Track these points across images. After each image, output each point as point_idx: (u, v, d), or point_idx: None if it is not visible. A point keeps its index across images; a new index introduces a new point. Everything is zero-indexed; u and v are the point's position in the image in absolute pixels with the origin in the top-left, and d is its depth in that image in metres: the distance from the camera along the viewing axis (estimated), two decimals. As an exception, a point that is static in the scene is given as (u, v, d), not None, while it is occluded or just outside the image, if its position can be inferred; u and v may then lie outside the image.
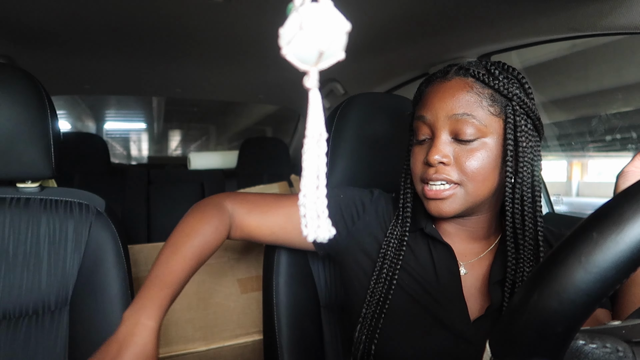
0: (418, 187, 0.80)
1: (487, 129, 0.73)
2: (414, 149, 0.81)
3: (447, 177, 0.74)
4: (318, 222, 0.31)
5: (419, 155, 0.79)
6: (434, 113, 0.76)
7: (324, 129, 0.31)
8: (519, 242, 0.75)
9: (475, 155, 0.73)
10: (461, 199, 0.75)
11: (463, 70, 0.77)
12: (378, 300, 0.79)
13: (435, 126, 0.75)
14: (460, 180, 0.74)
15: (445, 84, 0.77)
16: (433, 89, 0.78)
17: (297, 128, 3.10)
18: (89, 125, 5.31)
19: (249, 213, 0.88)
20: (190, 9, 1.22)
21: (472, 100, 0.74)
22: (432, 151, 0.74)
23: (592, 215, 0.32)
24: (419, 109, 0.80)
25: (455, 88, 0.75)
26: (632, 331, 0.35)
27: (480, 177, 0.74)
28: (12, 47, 1.58)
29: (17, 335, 0.88)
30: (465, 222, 0.81)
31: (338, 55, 0.29)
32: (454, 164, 0.74)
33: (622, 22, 0.84)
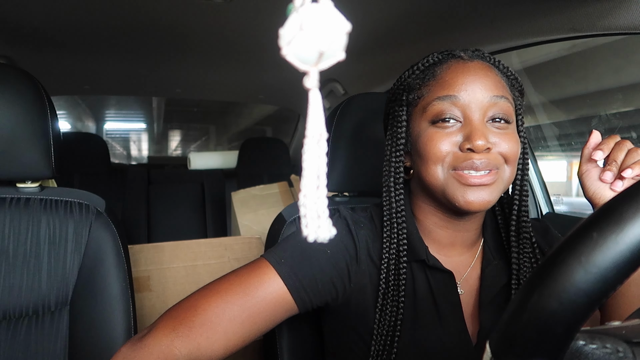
0: (440, 175, 0.70)
1: (514, 115, 0.72)
2: (431, 132, 0.70)
3: (490, 164, 0.68)
4: (319, 223, 0.31)
5: (443, 139, 0.69)
6: (470, 93, 0.69)
7: (324, 129, 0.31)
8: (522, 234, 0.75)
9: (512, 139, 0.70)
10: (499, 186, 0.70)
11: (477, 53, 0.74)
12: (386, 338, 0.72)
13: (471, 107, 0.68)
14: (499, 165, 0.69)
15: (469, 64, 0.71)
16: (456, 68, 0.71)
17: (297, 128, 3.10)
18: (89, 125, 5.32)
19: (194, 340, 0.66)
20: (190, 9, 1.22)
21: (502, 83, 0.71)
22: (476, 135, 0.66)
23: (592, 215, 0.32)
24: (440, 89, 0.71)
25: (484, 69, 0.71)
26: (632, 332, 0.35)
27: (516, 161, 0.71)
28: (12, 47, 1.58)
29: (17, 335, 0.88)
30: (466, 224, 0.76)
31: (338, 56, 0.29)
32: (493, 148, 0.69)
33: (621, 22, 0.84)
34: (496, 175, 0.69)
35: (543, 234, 0.82)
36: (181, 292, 1.55)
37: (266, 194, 2.25)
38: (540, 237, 0.81)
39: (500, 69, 0.74)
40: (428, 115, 0.71)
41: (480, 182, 0.68)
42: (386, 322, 0.72)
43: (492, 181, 0.68)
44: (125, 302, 0.93)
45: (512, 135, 0.70)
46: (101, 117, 5.25)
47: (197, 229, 2.61)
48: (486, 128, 0.69)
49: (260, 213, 2.14)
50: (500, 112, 0.69)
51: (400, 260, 0.73)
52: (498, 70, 0.73)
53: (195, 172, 2.86)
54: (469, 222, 0.76)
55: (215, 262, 1.67)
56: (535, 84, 1.87)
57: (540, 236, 0.81)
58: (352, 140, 1.02)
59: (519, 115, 0.75)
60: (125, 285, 0.94)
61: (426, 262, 0.74)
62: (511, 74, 0.75)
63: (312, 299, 0.72)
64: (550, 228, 0.83)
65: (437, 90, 0.71)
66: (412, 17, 1.21)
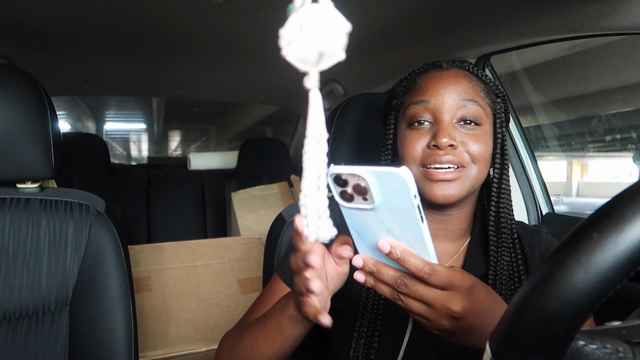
0: (414, 172, 0.77)
1: (486, 118, 0.78)
2: (407, 134, 0.79)
3: (454, 160, 0.74)
4: (319, 223, 0.31)
5: (415, 139, 0.77)
6: (440, 97, 0.76)
7: (325, 129, 0.31)
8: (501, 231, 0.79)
9: (479, 139, 0.76)
10: (465, 183, 0.75)
11: (457, 63, 0.81)
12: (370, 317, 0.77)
13: (441, 110, 0.76)
14: (466, 163, 0.75)
15: (444, 73, 0.79)
16: (432, 76, 0.80)
17: (297, 128, 3.10)
18: (89, 125, 5.31)
19: None
20: (190, 9, 1.22)
21: (474, 89, 0.78)
22: (441, 134, 0.73)
23: (592, 216, 0.32)
24: (416, 95, 0.79)
25: (457, 76, 0.78)
26: (632, 332, 0.35)
27: (483, 162, 0.76)
28: (12, 48, 1.58)
29: (17, 335, 0.88)
30: (447, 218, 0.81)
31: (338, 56, 0.29)
32: (460, 147, 0.75)
33: (621, 22, 0.84)
34: (461, 172, 0.75)
35: (530, 235, 0.85)
36: (181, 292, 1.55)
37: (266, 195, 2.25)
38: (526, 237, 0.84)
39: (479, 76, 0.81)
40: (406, 119, 0.80)
41: (444, 177, 0.74)
42: (370, 302, 0.78)
43: (456, 177, 0.74)
44: (125, 302, 0.93)
45: (480, 136, 0.76)
46: (101, 117, 5.25)
47: (197, 230, 2.61)
48: (454, 128, 0.76)
49: (260, 213, 2.14)
50: (469, 114, 0.76)
51: None
52: (476, 77, 0.80)
53: (195, 172, 2.86)
54: (450, 216, 0.81)
55: (215, 262, 1.67)
56: (535, 84, 1.87)
57: (527, 237, 0.85)
58: (352, 140, 1.02)
59: (498, 119, 0.81)
60: (125, 285, 0.94)
61: None
62: (489, 81, 0.82)
63: None
64: (540, 233, 0.85)
65: (413, 96, 0.80)
66: (412, 17, 1.21)
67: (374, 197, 0.51)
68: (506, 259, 0.78)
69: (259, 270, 1.68)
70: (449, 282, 0.55)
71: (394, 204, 0.51)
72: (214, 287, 1.60)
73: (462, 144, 0.75)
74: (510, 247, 0.79)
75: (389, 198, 0.51)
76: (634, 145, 2.02)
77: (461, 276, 0.57)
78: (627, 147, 2.20)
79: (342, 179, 0.51)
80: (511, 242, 0.80)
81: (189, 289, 1.57)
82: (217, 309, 1.55)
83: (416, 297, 0.56)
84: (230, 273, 1.66)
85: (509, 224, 0.80)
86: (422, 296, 0.56)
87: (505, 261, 0.78)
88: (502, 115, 0.82)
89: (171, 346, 1.41)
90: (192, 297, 1.55)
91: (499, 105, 0.82)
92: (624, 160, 2.92)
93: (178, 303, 1.52)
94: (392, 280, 0.56)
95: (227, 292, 1.60)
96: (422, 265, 0.54)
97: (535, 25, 1.02)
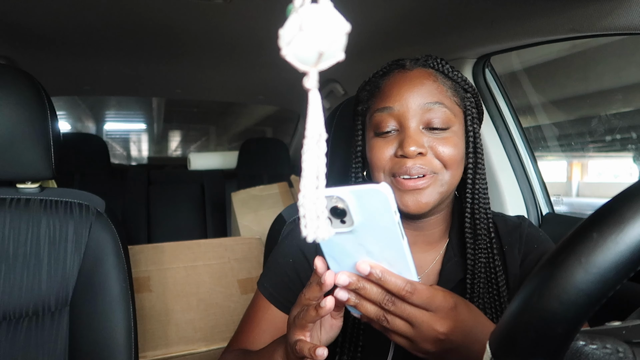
0: (387, 182, 0.74)
1: (455, 118, 0.74)
2: (374, 142, 0.76)
3: (424, 168, 0.71)
4: (317, 223, 0.31)
5: (383, 148, 0.74)
6: (403, 103, 0.72)
7: (324, 129, 0.31)
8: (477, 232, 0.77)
9: (449, 142, 0.73)
10: (438, 190, 0.73)
11: (421, 61, 0.77)
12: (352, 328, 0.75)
13: (406, 116, 0.72)
14: (437, 170, 0.72)
15: (408, 74, 0.75)
16: (394, 80, 0.76)
17: (297, 129, 3.10)
18: (89, 125, 5.31)
19: None
20: (190, 10, 1.22)
21: (439, 89, 0.74)
22: (408, 142, 0.70)
23: (592, 216, 0.32)
24: (380, 101, 0.76)
25: (421, 77, 0.74)
26: (632, 332, 0.35)
27: (455, 165, 0.73)
28: (12, 48, 1.58)
29: (17, 336, 0.88)
30: (424, 224, 0.79)
31: (338, 56, 0.29)
32: (429, 153, 0.72)
33: (621, 22, 0.84)
34: (432, 179, 0.72)
35: (510, 231, 0.82)
36: (181, 292, 1.55)
37: (266, 195, 2.25)
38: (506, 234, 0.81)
39: (445, 73, 0.76)
40: (372, 127, 0.77)
41: (415, 186, 0.71)
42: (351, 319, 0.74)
43: (428, 185, 0.72)
44: (125, 302, 0.93)
45: (450, 139, 0.73)
46: (101, 117, 5.25)
47: (197, 230, 2.61)
48: (421, 134, 0.72)
49: (260, 213, 2.14)
50: (435, 118, 0.72)
51: None
52: (442, 74, 0.76)
53: (195, 172, 2.86)
54: (427, 223, 0.79)
55: (215, 262, 1.67)
56: (535, 84, 1.87)
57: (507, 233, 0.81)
58: (351, 140, 1.02)
59: (468, 116, 0.77)
60: (125, 285, 0.94)
61: None
62: (457, 77, 0.77)
63: None
64: (521, 226, 0.82)
65: (377, 103, 0.77)
66: (412, 17, 1.21)
67: (353, 219, 0.50)
68: (483, 261, 0.76)
69: (259, 271, 1.67)
70: (430, 301, 0.54)
71: (374, 223, 0.50)
72: (214, 287, 1.60)
73: (431, 149, 0.72)
74: (487, 248, 0.77)
75: (368, 217, 0.50)
76: (634, 146, 2.02)
77: (443, 296, 0.55)
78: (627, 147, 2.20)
79: None
80: (488, 242, 0.77)
81: (189, 289, 1.57)
82: (217, 309, 1.55)
83: (402, 315, 0.54)
84: (230, 273, 1.66)
85: (486, 223, 0.77)
86: (409, 315, 0.54)
87: (483, 263, 0.76)
88: (472, 110, 0.78)
89: (171, 346, 1.41)
90: (192, 297, 1.55)
91: (468, 101, 0.78)
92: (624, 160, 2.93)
93: (178, 303, 1.52)
94: (379, 296, 0.54)
95: (227, 292, 1.60)
96: (403, 284, 0.53)
97: (535, 26, 1.02)
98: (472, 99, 0.78)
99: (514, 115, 1.35)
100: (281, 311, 0.81)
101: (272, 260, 0.86)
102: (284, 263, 0.82)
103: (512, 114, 1.35)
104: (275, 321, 0.81)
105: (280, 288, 0.81)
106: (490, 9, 1.05)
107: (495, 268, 0.76)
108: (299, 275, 0.81)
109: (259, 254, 1.75)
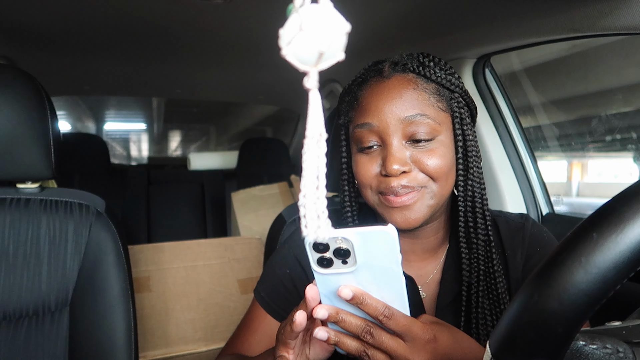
0: (372, 199, 0.72)
1: (440, 127, 0.70)
2: (357, 158, 0.73)
3: (410, 185, 0.68)
4: (318, 223, 0.31)
5: (367, 165, 0.71)
6: (382, 118, 0.68)
7: (324, 129, 0.31)
8: (472, 240, 0.73)
9: (435, 154, 0.69)
10: (427, 203, 0.70)
11: (400, 66, 0.72)
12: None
13: (386, 132, 0.68)
14: (424, 184, 0.69)
15: (385, 84, 0.71)
16: (372, 91, 0.71)
17: (297, 128, 3.10)
18: (89, 125, 5.31)
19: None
20: (190, 9, 1.22)
21: (420, 98, 0.69)
22: (390, 160, 0.67)
23: (592, 216, 0.32)
24: (359, 115, 0.72)
25: (400, 87, 0.69)
26: (632, 332, 0.35)
27: (443, 176, 0.70)
28: (12, 48, 1.58)
29: (17, 336, 0.88)
30: (420, 233, 0.76)
31: (338, 56, 0.29)
32: (414, 168, 0.69)
33: (621, 22, 0.84)
34: (419, 194, 0.69)
35: (513, 234, 0.78)
36: (181, 292, 1.55)
37: (266, 195, 2.25)
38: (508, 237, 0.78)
39: (426, 75, 0.71)
40: (354, 141, 0.74)
41: (402, 203, 0.68)
42: None
43: (414, 200, 0.69)
44: (125, 302, 0.93)
45: (434, 151, 0.69)
46: (101, 117, 5.25)
47: (197, 230, 2.61)
48: (404, 149, 0.69)
49: (260, 213, 2.14)
50: (417, 132, 0.68)
51: None
52: (424, 79, 0.71)
53: (195, 172, 2.86)
54: (422, 231, 0.77)
55: (215, 262, 1.67)
56: (535, 84, 1.87)
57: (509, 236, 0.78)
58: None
59: (456, 118, 0.72)
60: (125, 285, 0.94)
61: None
62: (439, 77, 0.71)
63: None
64: (524, 228, 0.78)
65: (357, 117, 0.73)
66: (412, 17, 1.21)
67: (356, 259, 0.49)
68: (482, 268, 0.73)
69: (259, 271, 1.68)
70: (406, 330, 0.54)
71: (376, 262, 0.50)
72: (214, 287, 1.60)
73: (415, 164, 0.69)
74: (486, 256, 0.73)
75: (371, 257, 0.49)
76: (634, 146, 2.02)
77: (422, 327, 0.55)
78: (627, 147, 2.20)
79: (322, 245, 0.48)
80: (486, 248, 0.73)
81: (189, 289, 1.57)
82: (217, 309, 1.55)
83: (381, 347, 0.54)
84: (230, 273, 1.66)
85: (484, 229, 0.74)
86: (387, 347, 0.54)
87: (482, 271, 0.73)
88: (461, 111, 0.73)
89: (171, 346, 1.41)
90: (192, 297, 1.55)
91: (455, 101, 0.72)
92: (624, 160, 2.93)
93: (178, 303, 1.52)
94: (358, 329, 0.54)
95: (227, 292, 1.60)
96: (381, 308, 0.53)
97: (535, 25, 1.02)
98: (459, 99, 0.73)
99: (514, 115, 1.35)
100: (277, 320, 0.80)
101: (269, 269, 0.85)
102: (280, 273, 0.82)
103: (512, 113, 1.35)
104: (271, 330, 0.79)
105: (276, 297, 0.80)
106: (490, 9, 1.05)
107: (495, 274, 0.73)
108: (295, 285, 0.80)
109: (259, 254, 1.75)
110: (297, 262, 0.81)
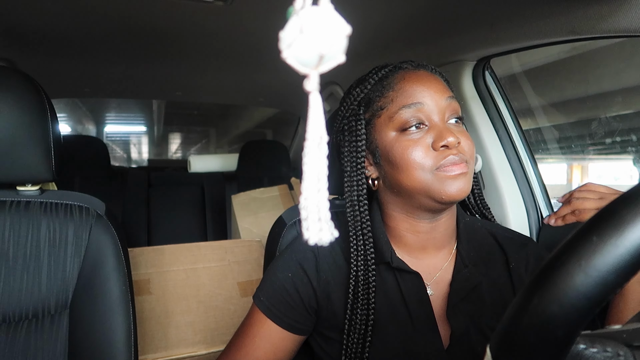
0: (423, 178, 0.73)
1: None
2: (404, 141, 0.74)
3: (462, 156, 0.74)
4: (320, 226, 0.31)
5: (421, 145, 0.73)
6: (430, 98, 0.74)
7: (325, 132, 0.31)
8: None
9: (468, 136, 0.77)
10: (470, 177, 0.75)
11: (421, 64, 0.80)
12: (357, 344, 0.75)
13: (435, 111, 0.74)
14: (467, 158, 0.75)
15: (419, 73, 0.77)
16: (411, 77, 0.76)
17: (298, 131, 3.10)
18: (89, 128, 5.32)
19: None
20: (190, 12, 1.22)
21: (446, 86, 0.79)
22: (447, 133, 0.72)
23: (592, 219, 0.32)
24: (403, 98, 0.75)
25: (432, 76, 0.78)
26: (632, 335, 0.35)
27: (472, 156, 0.77)
28: (12, 50, 1.58)
29: (17, 338, 0.88)
30: (437, 224, 0.79)
31: (338, 58, 0.29)
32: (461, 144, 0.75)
33: (621, 25, 0.84)
34: (467, 167, 0.75)
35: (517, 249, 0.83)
36: (181, 295, 1.55)
37: (266, 197, 2.25)
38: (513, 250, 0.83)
39: (442, 76, 0.81)
40: (395, 125, 0.75)
41: (461, 170, 0.73)
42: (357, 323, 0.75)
43: (466, 171, 0.74)
44: (125, 305, 0.93)
45: (465, 132, 0.77)
46: (101, 120, 5.26)
47: (197, 232, 2.61)
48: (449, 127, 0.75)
49: (261, 216, 2.14)
50: (455, 111, 0.76)
51: (369, 264, 0.77)
52: (439, 75, 0.80)
53: (195, 175, 2.86)
54: (439, 223, 0.79)
55: (215, 265, 1.67)
56: (535, 86, 1.88)
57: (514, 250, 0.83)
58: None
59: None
60: (125, 288, 0.94)
61: (390, 264, 0.77)
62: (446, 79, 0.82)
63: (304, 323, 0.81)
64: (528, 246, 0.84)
65: (400, 100, 0.75)
66: (412, 20, 1.21)
67: None
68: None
69: (259, 273, 1.67)
70: None
71: None
72: (214, 289, 1.60)
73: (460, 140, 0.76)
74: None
75: None
76: (634, 148, 2.02)
77: None
78: (627, 149, 2.20)
79: None
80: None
81: (189, 291, 1.56)
82: (217, 312, 1.54)
83: None
84: (230, 275, 1.66)
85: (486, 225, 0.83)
86: None
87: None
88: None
89: (171, 349, 1.41)
90: (192, 300, 1.55)
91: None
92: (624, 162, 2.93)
93: (178, 306, 1.52)
94: None
95: (227, 294, 1.60)
96: None
97: (535, 28, 1.02)
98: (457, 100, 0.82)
99: (514, 117, 1.35)
100: (278, 326, 0.80)
101: (270, 274, 0.84)
102: (282, 277, 0.82)
103: (512, 116, 1.35)
104: (272, 336, 0.80)
105: (278, 302, 0.80)
106: (490, 12, 1.06)
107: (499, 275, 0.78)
108: (297, 290, 0.80)
109: (259, 257, 1.75)
110: (300, 267, 0.81)
